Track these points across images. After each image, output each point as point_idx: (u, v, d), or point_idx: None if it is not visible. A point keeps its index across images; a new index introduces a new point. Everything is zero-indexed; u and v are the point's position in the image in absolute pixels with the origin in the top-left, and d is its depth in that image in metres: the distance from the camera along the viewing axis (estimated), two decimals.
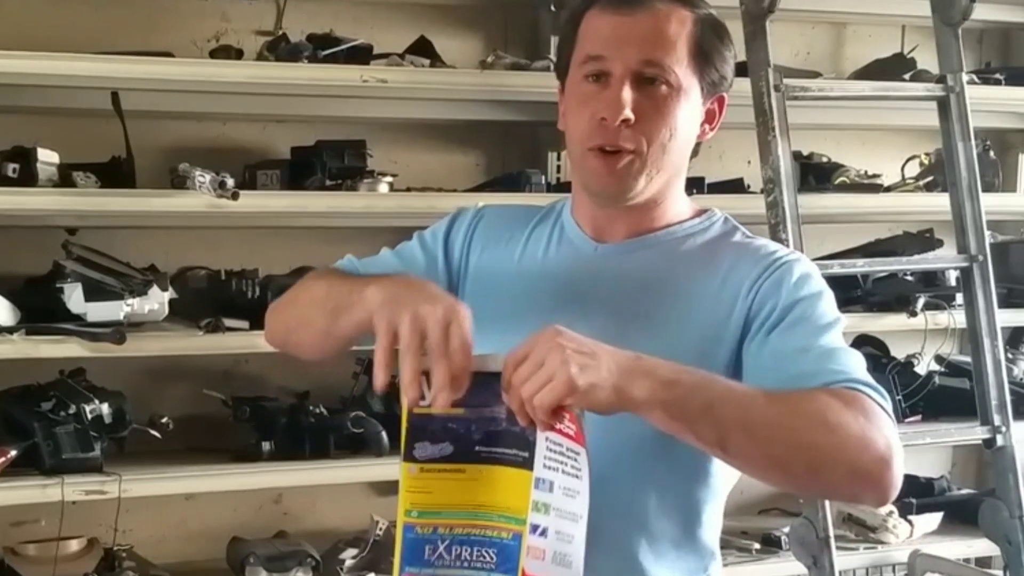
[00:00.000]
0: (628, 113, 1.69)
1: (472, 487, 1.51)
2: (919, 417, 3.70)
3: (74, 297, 2.97)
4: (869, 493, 1.56)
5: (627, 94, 1.69)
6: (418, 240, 1.91)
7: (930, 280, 3.74)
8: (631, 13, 1.71)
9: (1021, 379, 3.89)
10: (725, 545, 1.90)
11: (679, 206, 1.83)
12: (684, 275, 1.75)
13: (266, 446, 3.19)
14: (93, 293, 2.98)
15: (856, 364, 1.64)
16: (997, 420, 3.35)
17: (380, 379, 1.53)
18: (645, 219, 1.79)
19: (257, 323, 3.12)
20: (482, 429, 1.51)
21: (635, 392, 1.48)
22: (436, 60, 3.41)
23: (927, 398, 3.70)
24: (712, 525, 1.78)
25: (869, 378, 1.62)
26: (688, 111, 1.74)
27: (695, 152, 1.82)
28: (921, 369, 3.83)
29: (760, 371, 1.65)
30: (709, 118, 1.80)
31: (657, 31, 1.71)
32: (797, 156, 3.54)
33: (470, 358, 1.51)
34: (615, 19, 1.72)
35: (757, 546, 3.52)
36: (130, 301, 3.00)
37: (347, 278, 1.78)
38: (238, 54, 3.31)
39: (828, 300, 1.72)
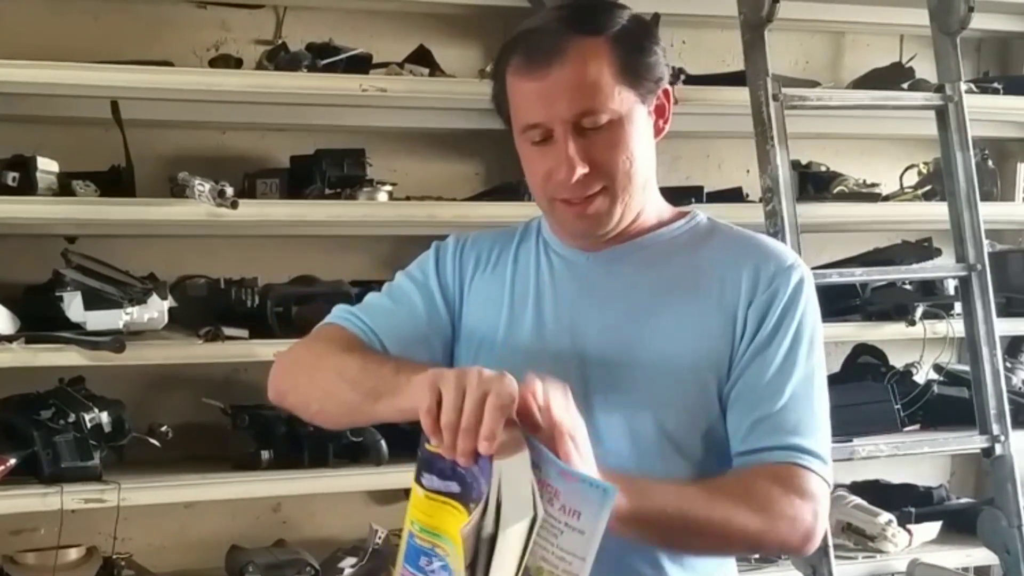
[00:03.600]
0: (581, 170, 1.70)
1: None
2: (918, 426, 3.69)
3: (73, 305, 2.97)
4: (792, 554, 1.74)
5: (573, 150, 1.69)
6: (408, 279, 1.89)
7: (929, 289, 3.73)
8: (546, 74, 1.69)
9: (1020, 388, 3.88)
10: None
11: (659, 209, 1.84)
12: (682, 274, 1.77)
13: (265, 455, 3.19)
14: (92, 302, 2.97)
15: (810, 418, 1.72)
16: (996, 429, 3.35)
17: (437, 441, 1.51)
18: (629, 226, 1.80)
19: (256, 332, 3.13)
20: (476, 490, 1.48)
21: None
22: (435, 69, 3.42)
23: (926, 407, 3.70)
24: None
25: (816, 438, 1.71)
26: (637, 129, 1.73)
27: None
28: (920, 378, 3.83)
29: (731, 399, 1.73)
30: (660, 113, 1.78)
31: (577, 81, 1.68)
32: (796, 165, 3.55)
33: (495, 426, 1.45)
34: (534, 85, 1.70)
35: (756, 555, 3.52)
36: (129, 310, 2.99)
37: (381, 358, 1.75)
38: (237, 63, 3.32)
39: (809, 322, 1.76)
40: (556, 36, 1.70)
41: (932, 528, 3.68)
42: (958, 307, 3.52)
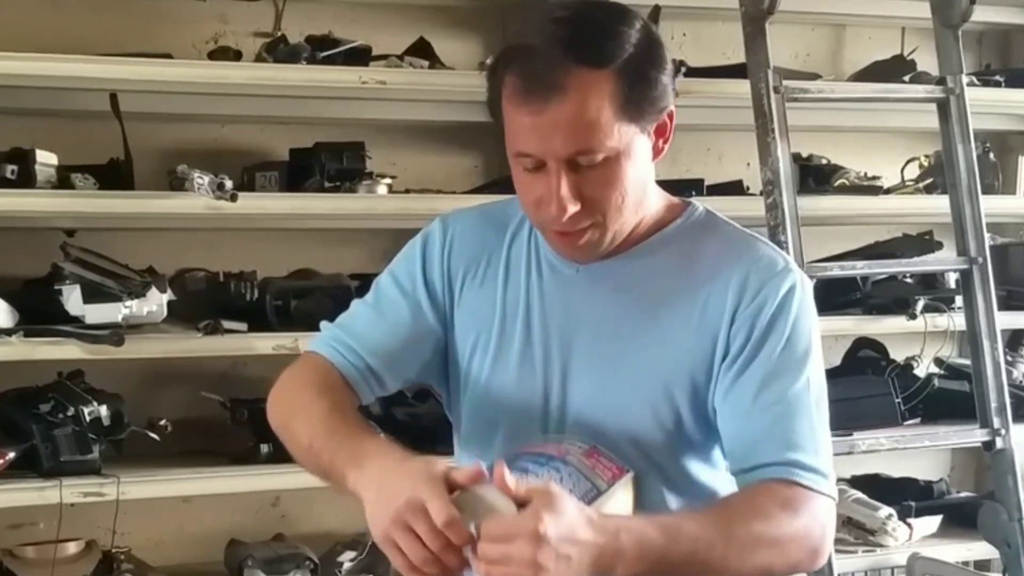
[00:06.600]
0: (572, 208, 1.64)
1: None
2: (918, 420, 3.69)
3: (72, 299, 2.96)
4: (800, 573, 1.69)
5: (565, 189, 1.63)
6: (395, 286, 1.83)
7: (930, 283, 3.73)
8: (544, 108, 1.60)
9: (1020, 382, 3.88)
10: None
11: (657, 212, 1.78)
12: (671, 286, 1.73)
13: (264, 448, 3.18)
14: (91, 295, 2.97)
15: (807, 430, 1.67)
16: (996, 423, 3.35)
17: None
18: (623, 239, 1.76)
19: (255, 325, 3.13)
20: None
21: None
22: (435, 62, 3.41)
23: (926, 401, 3.69)
24: None
25: (815, 452, 1.67)
26: (634, 162, 1.66)
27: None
28: (920, 372, 3.82)
29: (723, 416, 1.70)
30: (660, 133, 1.70)
31: (576, 119, 1.60)
32: (796, 158, 3.53)
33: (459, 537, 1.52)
34: (530, 118, 1.61)
35: None
36: (128, 303, 2.99)
37: (324, 436, 1.71)
38: (236, 56, 3.31)
39: (801, 330, 1.71)
40: (556, 66, 1.60)
41: (932, 522, 3.68)
42: (959, 300, 3.52)
